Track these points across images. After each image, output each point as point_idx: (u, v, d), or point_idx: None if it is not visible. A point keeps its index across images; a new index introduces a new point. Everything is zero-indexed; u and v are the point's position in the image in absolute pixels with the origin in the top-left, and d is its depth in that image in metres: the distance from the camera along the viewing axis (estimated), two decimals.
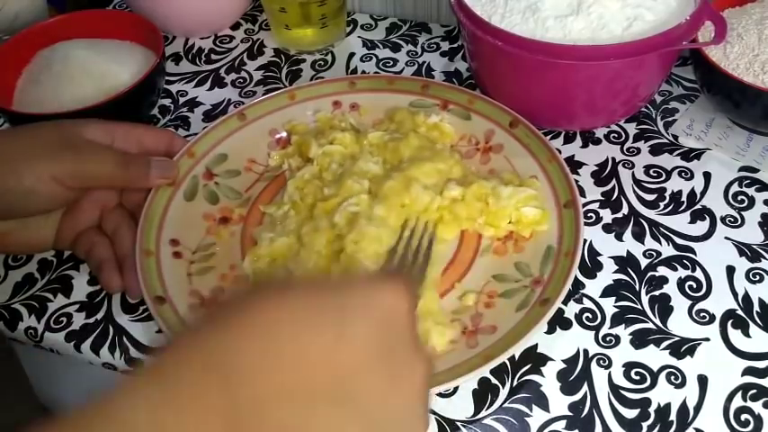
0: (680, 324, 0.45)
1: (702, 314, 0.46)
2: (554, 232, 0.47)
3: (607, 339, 0.45)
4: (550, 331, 0.45)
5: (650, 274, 0.48)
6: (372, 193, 0.49)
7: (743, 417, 0.41)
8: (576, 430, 0.41)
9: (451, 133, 0.55)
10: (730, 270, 0.48)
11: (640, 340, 0.44)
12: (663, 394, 0.42)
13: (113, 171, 0.46)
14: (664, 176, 0.54)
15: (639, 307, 0.46)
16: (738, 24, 0.55)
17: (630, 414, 0.41)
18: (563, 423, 0.41)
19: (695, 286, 0.47)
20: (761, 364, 0.43)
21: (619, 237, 0.50)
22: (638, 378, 0.43)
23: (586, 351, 0.44)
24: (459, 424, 0.41)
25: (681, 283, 0.47)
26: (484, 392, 0.42)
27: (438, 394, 0.42)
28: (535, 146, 0.51)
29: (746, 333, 0.44)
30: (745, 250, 0.49)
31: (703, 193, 0.53)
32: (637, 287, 0.47)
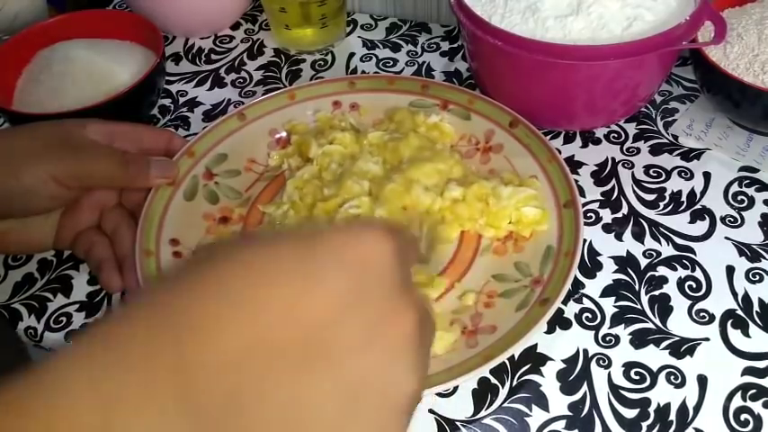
0: (680, 324, 0.45)
1: (702, 314, 0.46)
2: (554, 232, 0.47)
3: (607, 339, 0.45)
4: (550, 331, 0.45)
5: (650, 274, 0.48)
6: (373, 195, 0.49)
7: (742, 417, 0.41)
8: (576, 430, 0.41)
9: (451, 133, 0.55)
10: (730, 270, 0.48)
11: (640, 340, 0.44)
12: (662, 394, 0.42)
13: (113, 171, 0.46)
14: (664, 176, 0.54)
15: (639, 307, 0.46)
16: (738, 24, 0.55)
17: (630, 414, 0.41)
18: (563, 423, 0.41)
19: (695, 286, 0.47)
20: (760, 364, 0.43)
21: (618, 237, 0.50)
22: (637, 378, 0.43)
23: (586, 351, 0.44)
24: (458, 424, 0.41)
25: (681, 283, 0.47)
26: (483, 392, 0.42)
27: (438, 394, 0.42)
28: (535, 146, 0.51)
29: (746, 333, 0.44)
30: (744, 250, 0.49)
31: (703, 193, 0.53)
32: (636, 287, 0.47)
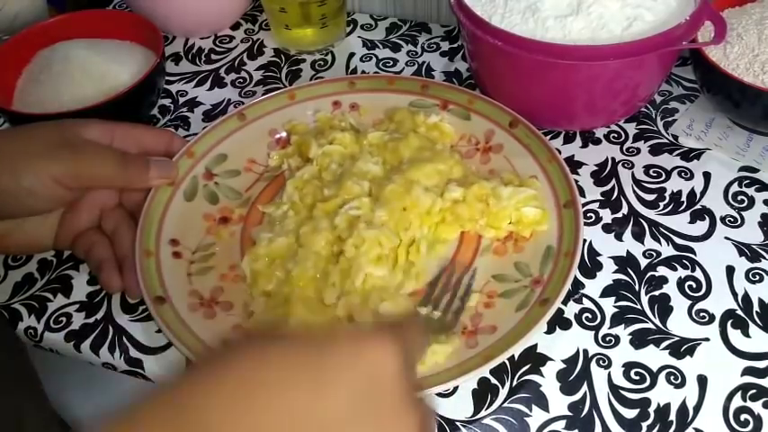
0: (679, 324, 0.45)
1: (702, 314, 0.46)
2: (554, 232, 0.47)
3: (607, 339, 0.45)
4: (550, 331, 0.45)
5: (650, 274, 0.48)
6: (373, 196, 0.49)
7: (742, 417, 0.41)
8: (576, 430, 0.41)
9: (451, 133, 0.55)
10: (730, 270, 0.48)
11: (640, 340, 0.44)
12: (662, 394, 0.42)
13: (113, 171, 0.46)
14: (663, 176, 0.54)
15: (639, 307, 0.46)
16: (738, 24, 0.55)
17: (630, 414, 0.41)
18: (563, 423, 0.41)
19: (695, 286, 0.47)
20: (760, 364, 0.43)
21: (618, 237, 0.50)
22: (637, 378, 0.43)
23: (586, 351, 0.44)
24: (458, 424, 0.41)
25: (680, 283, 0.47)
26: (483, 392, 0.42)
27: (438, 394, 0.42)
28: (535, 146, 0.51)
29: (746, 333, 0.44)
30: (744, 250, 0.49)
31: (703, 193, 0.53)
32: (636, 287, 0.47)
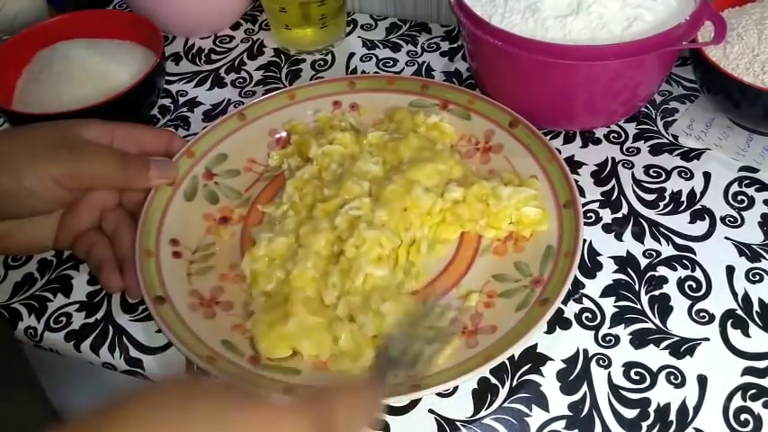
0: (680, 324, 0.45)
1: (702, 314, 0.46)
2: (554, 232, 0.47)
3: (607, 339, 0.45)
4: (550, 331, 0.45)
5: (650, 274, 0.48)
6: (373, 196, 0.49)
7: (742, 417, 0.41)
8: (576, 430, 0.41)
9: (451, 133, 0.55)
10: (730, 270, 0.48)
11: (640, 340, 0.44)
12: (662, 394, 0.42)
13: (112, 171, 0.46)
14: (663, 176, 0.54)
15: (639, 307, 0.46)
16: (738, 24, 0.55)
17: (630, 414, 0.41)
18: (563, 423, 0.41)
19: (695, 286, 0.47)
20: (760, 364, 0.43)
21: (618, 237, 0.50)
22: (637, 378, 0.43)
23: (586, 351, 0.44)
24: (458, 424, 0.41)
25: (680, 283, 0.47)
26: (483, 392, 0.42)
27: (438, 394, 0.42)
28: (535, 146, 0.51)
29: (746, 333, 0.44)
30: (744, 250, 0.49)
31: (703, 193, 0.53)
32: (636, 287, 0.47)
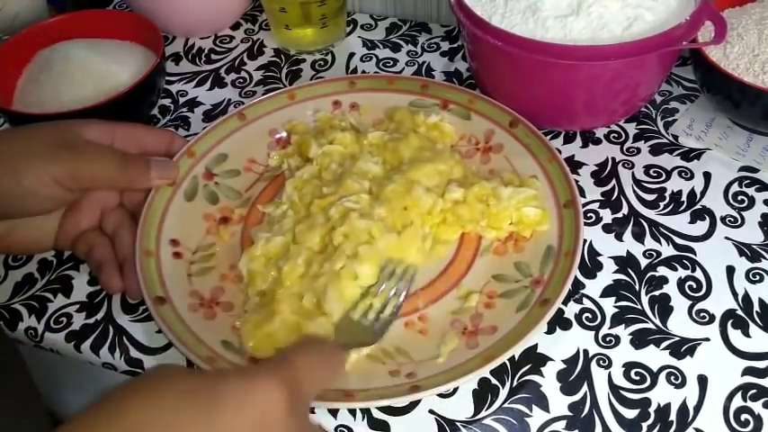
0: (680, 324, 0.45)
1: (702, 314, 0.46)
2: (554, 232, 0.47)
3: (607, 339, 0.45)
4: (550, 331, 0.45)
5: (650, 274, 0.48)
6: (373, 196, 0.49)
7: (743, 417, 0.41)
8: (576, 430, 0.41)
9: (451, 133, 0.55)
10: (730, 270, 0.48)
11: (640, 340, 0.44)
12: (663, 394, 0.42)
13: (113, 172, 0.46)
14: (664, 176, 0.54)
15: (639, 307, 0.46)
16: (738, 24, 0.55)
17: (630, 414, 0.41)
18: (563, 423, 0.41)
19: (695, 286, 0.47)
20: (761, 364, 0.43)
21: (619, 237, 0.50)
22: (637, 378, 0.43)
23: (586, 351, 0.44)
24: (458, 424, 0.41)
25: (681, 283, 0.47)
26: (484, 393, 0.42)
27: (438, 394, 0.42)
28: (535, 146, 0.51)
29: (746, 333, 0.44)
30: (745, 250, 0.49)
31: (703, 193, 0.53)
32: (637, 287, 0.47)
